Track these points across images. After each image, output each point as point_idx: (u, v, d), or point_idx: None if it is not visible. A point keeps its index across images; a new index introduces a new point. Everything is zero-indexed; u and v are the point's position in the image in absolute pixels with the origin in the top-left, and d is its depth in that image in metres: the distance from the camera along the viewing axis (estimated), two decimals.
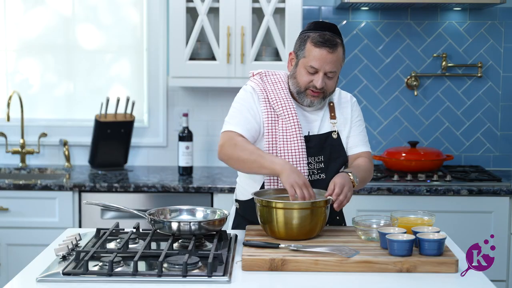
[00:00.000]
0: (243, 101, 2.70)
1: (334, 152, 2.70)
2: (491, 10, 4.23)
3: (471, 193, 3.74)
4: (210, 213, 2.59)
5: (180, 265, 2.17)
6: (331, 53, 2.59)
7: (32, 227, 3.79)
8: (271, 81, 2.72)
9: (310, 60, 2.60)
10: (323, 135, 2.70)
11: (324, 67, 2.59)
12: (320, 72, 2.60)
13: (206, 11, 3.99)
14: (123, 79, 4.41)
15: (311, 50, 2.60)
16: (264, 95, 2.69)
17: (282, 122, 2.65)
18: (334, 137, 2.71)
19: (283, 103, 2.66)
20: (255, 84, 2.73)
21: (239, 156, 2.58)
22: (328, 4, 4.25)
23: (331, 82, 2.64)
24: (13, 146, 4.35)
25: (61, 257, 2.33)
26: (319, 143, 2.68)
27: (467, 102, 4.31)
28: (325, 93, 2.65)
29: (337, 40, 2.62)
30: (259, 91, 2.70)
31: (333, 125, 2.72)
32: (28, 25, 4.36)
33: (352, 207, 3.72)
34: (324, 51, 2.59)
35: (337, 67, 2.62)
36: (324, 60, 2.59)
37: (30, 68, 4.40)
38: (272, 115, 2.67)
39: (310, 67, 2.61)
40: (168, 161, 4.37)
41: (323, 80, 2.61)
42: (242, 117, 2.66)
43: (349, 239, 2.45)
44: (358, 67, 4.29)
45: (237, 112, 2.69)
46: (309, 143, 2.66)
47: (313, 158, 2.67)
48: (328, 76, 2.62)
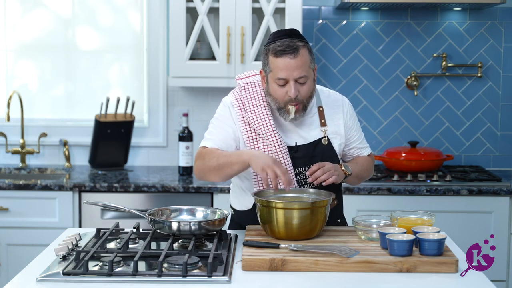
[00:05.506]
0: (222, 117, 2.66)
1: (325, 158, 2.62)
2: (491, 10, 4.23)
3: (471, 193, 3.74)
4: (210, 213, 2.59)
5: (180, 265, 2.17)
6: (294, 58, 2.49)
7: (32, 227, 3.79)
8: (249, 95, 2.64)
9: (276, 73, 2.51)
10: (311, 143, 2.63)
11: (292, 74, 2.49)
12: (290, 81, 2.50)
13: (206, 11, 3.99)
14: (123, 79, 4.41)
15: (274, 62, 2.51)
16: (242, 113, 2.62)
17: (262, 140, 2.59)
18: (324, 143, 2.64)
19: (261, 120, 2.58)
20: (234, 99, 2.66)
21: (209, 166, 2.55)
22: (328, 4, 4.25)
23: (305, 87, 2.53)
24: (13, 146, 4.35)
25: (61, 257, 2.32)
26: (308, 152, 2.62)
27: (467, 102, 4.31)
28: (303, 102, 2.55)
29: (297, 44, 2.51)
30: (237, 108, 2.63)
31: (323, 132, 2.65)
32: (28, 26, 4.36)
33: (352, 207, 3.73)
34: (286, 59, 2.49)
35: (306, 71, 2.51)
36: (289, 68, 2.49)
37: (30, 68, 4.40)
38: (251, 133, 2.60)
39: (278, 79, 2.51)
40: (168, 161, 4.37)
41: (296, 88, 2.51)
42: (219, 135, 2.62)
43: (349, 239, 2.45)
44: (358, 67, 4.29)
45: (214, 128, 2.65)
46: (297, 153, 2.61)
47: (303, 168, 2.62)
48: (300, 83, 2.52)
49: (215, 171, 2.55)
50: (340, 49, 4.28)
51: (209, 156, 2.56)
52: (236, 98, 2.66)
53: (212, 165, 2.54)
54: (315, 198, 2.53)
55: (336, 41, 4.27)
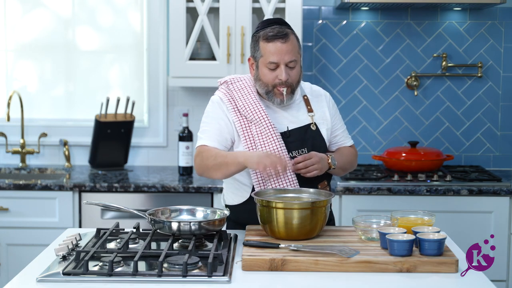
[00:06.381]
0: (212, 113, 2.75)
1: (316, 142, 2.73)
2: (491, 10, 4.23)
3: (471, 193, 3.74)
4: (210, 213, 2.59)
5: (180, 265, 2.17)
6: (285, 43, 2.63)
7: (32, 227, 3.79)
8: (237, 88, 2.75)
9: (268, 57, 2.64)
10: (303, 127, 2.74)
11: (283, 58, 2.63)
12: (280, 65, 2.64)
13: (206, 11, 3.99)
14: (123, 79, 4.41)
15: (266, 47, 2.65)
16: (233, 104, 2.72)
17: (255, 126, 2.67)
18: (313, 128, 2.75)
19: (252, 107, 2.69)
20: (223, 94, 2.76)
21: (207, 165, 2.64)
22: (328, 4, 4.25)
23: (294, 72, 2.66)
24: (13, 146, 4.35)
25: (61, 257, 2.33)
26: (300, 136, 2.72)
27: (467, 102, 4.31)
28: (292, 86, 2.68)
29: (287, 30, 2.66)
30: (227, 101, 2.73)
31: (311, 117, 2.76)
32: (28, 26, 4.36)
33: (352, 207, 3.73)
34: (278, 43, 2.63)
35: (296, 56, 2.66)
36: (280, 51, 2.62)
37: (30, 69, 4.40)
38: (244, 122, 2.69)
39: (270, 63, 2.65)
40: (168, 161, 4.37)
41: (287, 72, 2.64)
42: (212, 130, 2.70)
43: (349, 239, 2.45)
44: (358, 67, 4.29)
45: (207, 125, 2.73)
46: (289, 138, 2.70)
47: (296, 151, 2.70)
48: (290, 67, 2.65)
49: (214, 171, 2.64)
50: (340, 49, 4.28)
51: (206, 155, 2.64)
52: (225, 92, 2.76)
53: (210, 165, 2.63)
54: (315, 198, 2.54)
55: (336, 41, 4.27)
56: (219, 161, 2.60)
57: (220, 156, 2.61)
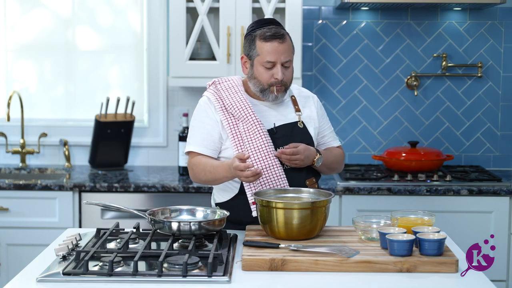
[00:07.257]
0: (199, 117, 2.80)
1: (304, 139, 2.76)
2: (491, 10, 4.23)
3: (471, 193, 3.74)
4: (210, 213, 2.60)
5: (180, 265, 2.18)
6: (282, 43, 2.69)
7: (32, 227, 3.79)
8: (225, 87, 2.80)
9: (264, 56, 2.69)
10: (289, 124, 2.78)
11: (280, 58, 2.68)
12: (277, 64, 2.69)
13: (206, 11, 3.99)
14: (123, 79, 4.41)
15: (263, 46, 2.69)
16: (221, 103, 2.76)
17: (243, 123, 2.72)
18: (300, 126, 2.78)
19: (239, 105, 2.73)
20: (211, 93, 2.81)
21: (200, 179, 2.76)
22: (328, 4, 4.25)
23: (288, 71, 2.73)
24: (13, 146, 4.35)
25: (61, 257, 2.33)
26: (287, 132, 2.76)
27: (467, 102, 4.31)
28: (286, 85, 2.74)
29: (283, 31, 2.72)
30: (215, 100, 2.77)
31: (298, 116, 2.80)
32: (28, 26, 4.36)
33: (352, 207, 3.73)
34: (275, 43, 2.68)
35: (291, 56, 2.72)
36: (277, 51, 2.68)
37: (30, 69, 4.40)
38: (231, 120, 2.74)
39: (267, 62, 2.69)
40: (168, 161, 4.37)
41: (282, 71, 2.69)
42: (199, 135, 2.76)
43: (349, 239, 2.45)
44: (358, 67, 4.29)
45: (194, 130, 2.79)
46: (276, 134, 2.74)
47: (284, 147, 2.72)
48: (285, 66, 2.71)
49: (207, 183, 2.77)
50: (340, 49, 4.28)
51: (197, 168, 2.74)
52: (213, 92, 2.81)
53: (203, 179, 2.75)
54: (315, 198, 2.54)
55: (336, 41, 4.27)
56: (210, 176, 2.70)
57: (209, 171, 2.70)
